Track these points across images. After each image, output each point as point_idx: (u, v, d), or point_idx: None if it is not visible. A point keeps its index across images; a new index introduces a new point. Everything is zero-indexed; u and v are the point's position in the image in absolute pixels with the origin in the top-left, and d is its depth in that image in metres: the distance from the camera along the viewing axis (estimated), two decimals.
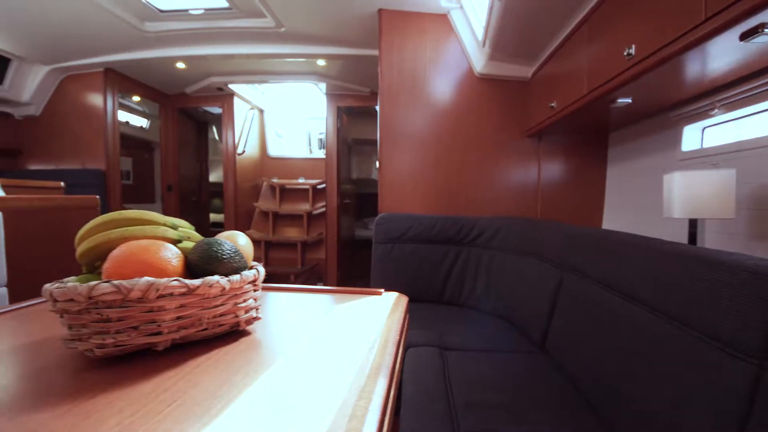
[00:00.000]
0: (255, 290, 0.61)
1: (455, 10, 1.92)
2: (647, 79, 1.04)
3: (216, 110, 3.99)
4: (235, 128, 3.60)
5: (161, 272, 0.49)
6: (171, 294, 0.48)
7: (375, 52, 2.54)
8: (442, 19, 1.97)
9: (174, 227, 0.59)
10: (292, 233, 3.89)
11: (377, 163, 5.10)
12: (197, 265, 0.53)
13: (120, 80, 2.96)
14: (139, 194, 3.92)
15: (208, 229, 4.51)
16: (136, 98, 3.52)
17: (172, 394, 0.42)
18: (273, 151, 4.35)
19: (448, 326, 1.42)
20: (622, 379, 0.78)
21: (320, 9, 2.07)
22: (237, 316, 0.57)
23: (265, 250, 3.70)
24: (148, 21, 2.27)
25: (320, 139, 4.84)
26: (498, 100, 1.96)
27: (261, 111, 4.19)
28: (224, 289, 0.53)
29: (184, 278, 0.50)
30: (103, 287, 0.44)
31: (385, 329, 0.62)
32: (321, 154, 4.59)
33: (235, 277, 0.55)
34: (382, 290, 0.85)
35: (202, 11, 2.14)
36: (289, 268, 3.61)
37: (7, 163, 2.94)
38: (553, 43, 1.56)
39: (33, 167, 2.99)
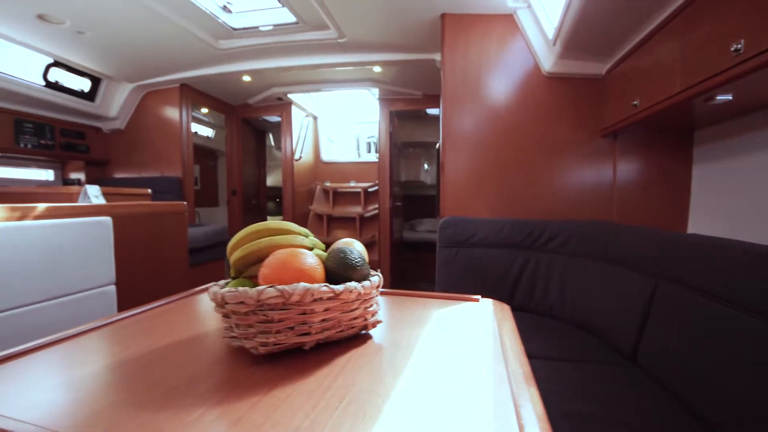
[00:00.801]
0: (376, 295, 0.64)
1: (522, 9, 1.88)
2: (756, 77, 0.97)
3: (274, 119, 4.21)
4: (293, 135, 3.77)
5: (311, 278, 0.54)
6: (320, 298, 0.53)
7: (431, 56, 2.57)
8: (508, 20, 1.94)
9: (306, 236, 0.64)
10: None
11: (425, 166, 5.13)
12: (334, 271, 0.58)
13: (192, 94, 3.21)
14: (205, 199, 4.22)
15: None
16: (204, 110, 3.80)
17: (337, 390, 0.46)
18: (325, 156, 4.50)
19: (525, 334, 1.39)
20: (748, 402, 0.73)
21: (382, 18, 2.12)
22: (366, 320, 0.61)
23: None
24: (222, 39, 2.45)
25: (368, 143, 4.93)
26: (568, 99, 1.90)
27: (315, 118, 4.34)
28: (360, 294, 0.57)
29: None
30: (269, 292, 0.49)
31: (505, 338, 0.63)
32: (369, 157, 4.68)
33: (367, 283, 0.58)
34: (479, 297, 0.86)
35: (271, 27, 2.27)
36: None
37: (98, 172, 3.29)
38: (634, 38, 1.48)
39: (118, 176, 3.32)
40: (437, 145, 2.57)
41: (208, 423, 0.39)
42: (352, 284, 0.55)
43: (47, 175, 3.11)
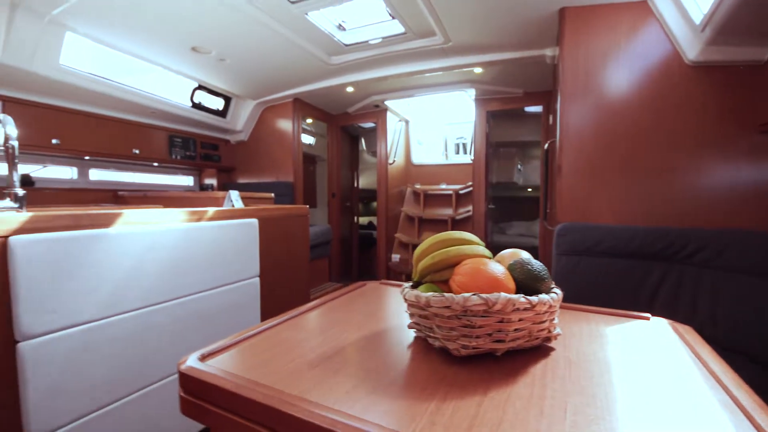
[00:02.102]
0: None
1: None
2: None
3: (368, 125, 4.40)
4: (387, 140, 3.91)
5: (506, 287, 0.57)
6: (518, 308, 0.55)
7: (540, 52, 2.45)
8: (640, 7, 1.76)
9: (483, 245, 0.67)
10: None
11: (519, 166, 4.90)
12: (522, 282, 0.60)
13: (303, 107, 3.54)
14: (305, 201, 4.60)
15: (358, 231, 4.98)
16: (309, 120, 4.14)
17: (553, 400, 0.48)
18: (416, 158, 4.57)
19: None
20: None
21: (491, 19, 2.10)
22: (550, 331, 0.62)
23: (412, 252, 3.90)
24: (335, 55, 2.65)
25: (457, 144, 4.87)
26: (716, 90, 1.65)
27: (407, 122, 4.45)
28: (551, 306, 0.58)
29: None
30: (474, 299, 0.53)
31: (711, 364, 0.58)
32: (458, 159, 4.62)
33: (555, 296, 0.59)
34: (648, 315, 0.81)
35: (380, 40, 2.39)
36: None
37: (226, 178, 3.81)
38: None
39: (241, 181, 3.80)
40: (545, 145, 2.45)
41: (448, 416, 0.44)
42: (545, 296, 0.57)
43: (188, 180, 3.70)
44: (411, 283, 0.69)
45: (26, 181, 2.42)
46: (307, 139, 4.60)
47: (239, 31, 2.20)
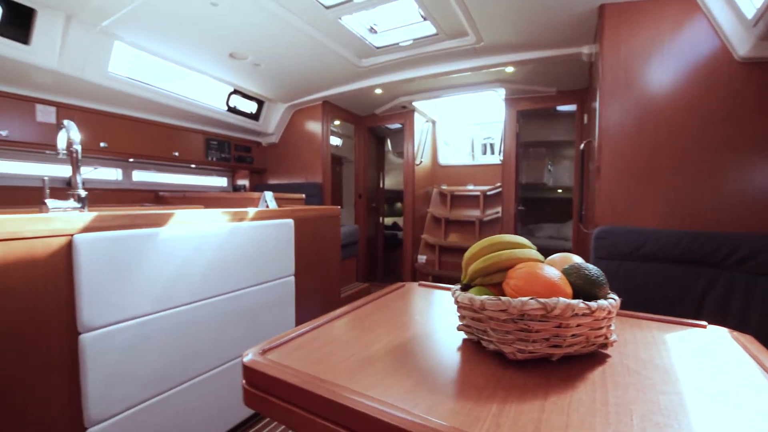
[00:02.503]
0: None
1: None
2: None
3: (394, 126, 4.42)
4: (414, 141, 3.91)
5: (564, 292, 0.56)
6: (576, 314, 0.54)
7: (576, 50, 2.39)
8: (685, 2, 1.69)
9: (535, 249, 0.67)
10: (461, 238, 3.97)
11: (549, 167, 4.78)
12: (580, 287, 0.59)
13: (332, 109, 3.59)
14: (332, 202, 4.66)
15: (383, 232, 5.00)
16: (336, 122, 4.20)
17: (617, 407, 0.47)
18: (442, 159, 4.54)
19: None
20: None
21: (526, 17, 2.06)
22: (606, 338, 0.61)
23: (438, 254, 3.89)
24: (365, 58, 2.68)
25: (484, 145, 4.81)
26: None
27: (433, 122, 4.43)
28: (609, 312, 0.57)
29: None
30: (532, 304, 0.53)
31: None
32: (485, 159, 4.56)
33: (613, 302, 0.58)
34: (705, 323, 0.78)
35: (411, 42, 2.40)
36: (460, 273, 3.70)
37: (257, 179, 3.92)
38: None
39: (272, 182, 3.90)
40: (581, 145, 2.38)
41: (512, 419, 0.44)
42: (604, 302, 0.56)
43: (222, 181, 3.83)
44: (459, 286, 0.69)
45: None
46: (334, 141, 4.66)
47: (274, 37, 2.27)
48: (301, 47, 2.40)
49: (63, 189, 2.48)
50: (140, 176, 2.97)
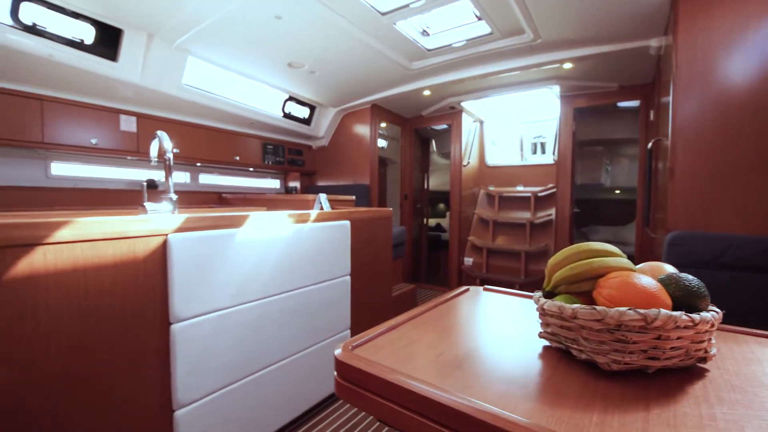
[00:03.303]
0: None
1: None
2: None
3: (440, 127, 4.39)
4: (462, 141, 3.86)
5: (663, 303, 0.54)
6: (678, 326, 0.52)
7: (643, 43, 2.24)
8: None
9: (625, 257, 0.65)
10: (510, 241, 3.86)
11: (607, 166, 4.51)
12: (680, 298, 0.57)
13: (380, 112, 3.65)
14: (378, 204, 4.72)
15: (427, 233, 4.98)
16: (383, 124, 4.25)
17: (725, 423, 0.45)
18: (490, 159, 4.45)
19: None
20: None
21: (588, 12, 1.97)
22: (706, 351, 0.58)
23: (486, 256, 3.81)
24: (416, 60, 2.70)
25: (534, 144, 4.64)
26: None
27: (481, 122, 4.35)
28: (711, 324, 0.54)
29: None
30: (630, 314, 0.52)
31: None
32: (535, 159, 4.39)
33: (716, 314, 0.55)
34: None
35: (464, 42, 2.38)
36: (509, 277, 3.60)
37: (307, 181, 4.08)
38: None
39: (321, 184, 4.03)
40: (649, 144, 2.23)
41: (616, 430, 0.44)
42: (706, 314, 0.54)
43: (275, 183, 4.02)
44: (541, 293, 0.69)
45: (151, 184, 2.84)
46: (380, 143, 4.72)
47: (330, 45, 2.35)
48: (354, 53, 2.47)
49: (158, 192, 2.75)
50: (205, 179, 3.20)
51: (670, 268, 0.67)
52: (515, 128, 4.58)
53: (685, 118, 1.73)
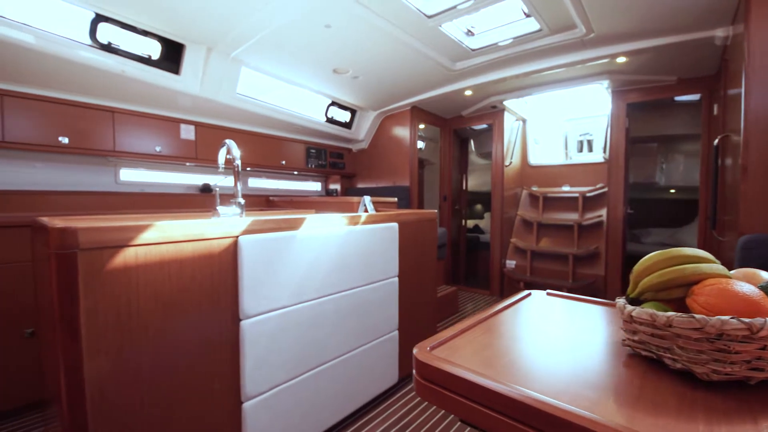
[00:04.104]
0: None
1: None
2: None
3: (479, 127, 4.32)
4: (504, 141, 3.78)
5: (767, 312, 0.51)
6: None
7: (707, 34, 2.10)
8: None
9: (719, 263, 0.62)
10: (555, 244, 3.72)
11: (662, 165, 4.25)
12: None
13: (419, 113, 3.66)
14: (418, 205, 4.72)
15: (465, 235, 4.92)
16: (421, 126, 4.26)
17: None
18: (533, 159, 4.32)
19: None
20: None
21: (649, 2, 1.88)
22: None
23: (530, 259, 3.70)
24: (459, 61, 2.68)
25: (580, 142, 4.45)
26: None
27: (524, 121, 4.24)
28: None
29: None
30: (734, 323, 0.50)
31: None
32: (581, 158, 4.21)
33: None
34: None
35: (510, 40, 2.34)
36: (556, 280, 3.47)
37: (347, 183, 4.16)
38: None
39: (361, 186, 4.10)
40: (715, 141, 2.08)
41: None
42: None
43: (317, 186, 4.14)
44: (624, 300, 0.67)
45: (206, 188, 3.02)
46: (417, 144, 4.72)
47: (374, 50, 2.39)
48: (397, 57, 2.50)
49: (213, 195, 2.93)
50: (254, 183, 3.36)
51: (765, 275, 0.63)
52: (559, 126, 4.42)
53: (758, 112, 1.60)
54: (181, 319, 1.07)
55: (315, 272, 1.44)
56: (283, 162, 3.28)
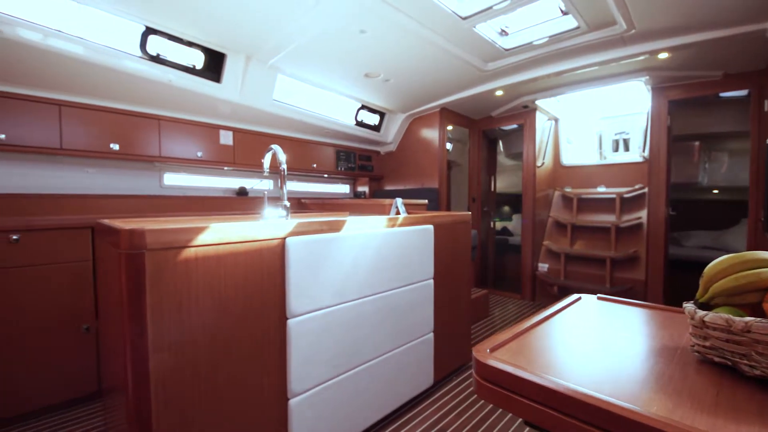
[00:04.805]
0: None
1: None
2: None
3: (509, 127, 4.25)
4: (535, 141, 3.71)
5: None
6: None
7: (757, 27, 1.99)
8: None
9: None
10: (589, 247, 3.60)
11: (705, 164, 4.04)
12: None
13: (448, 115, 3.64)
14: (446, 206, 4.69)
15: (494, 237, 4.84)
16: (449, 127, 4.24)
17: None
18: (565, 159, 4.21)
19: None
20: None
21: None
22: None
23: (564, 263, 3.60)
24: (491, 61, 2.66)
25: (616, 141, 4.29)
26: None
27: (556, 120, 4.14)
28: None
29: None
30: None
31: None
32: (616, 158, 4.06)
33: None
34: None
35: (546, 39, 2.30)
36: (592, 285, 3.36)
37: (374, 185, 4.19)
38: None
39: (388, 188, 4.12)
40: None
41: None
42: None
43: (345, 188, 4.19)
44: (692, 304, 0.65)
45: (242, 192, 3.13)
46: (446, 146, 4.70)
47: (407, 53, 2.41)
48: (429, 59, 2.51)
49: (249, 198, 3.03)
50: (287, 185, 3.45)
51: None
52: (593, 125, 4.28)
53: None
54: (234, 317, 1.12)
55: (355, 273, 1.47)
56: (314, 165, 3.35)
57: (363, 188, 4.20)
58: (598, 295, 1.04)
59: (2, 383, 1.59)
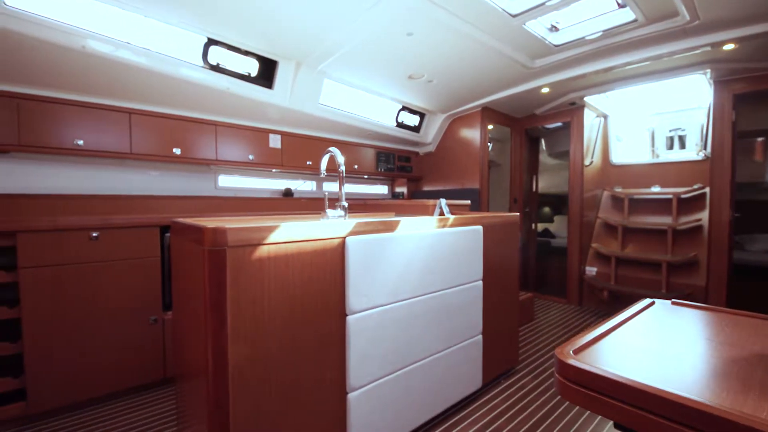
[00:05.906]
0: None
1: None
2: None
3: (552, 125, 4.12)
4: (583, 140, 3.57)
5: None
6: None
7: None
8: None
9: None
10: (642, 250, 3.41)
11: None
12: None
13: (489, 114, 3.59)
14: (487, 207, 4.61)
15: (535, 239, 4.71)
16: (490, 126, 4.17)
17: None
18: (615, 158, 4.01)
19: None
20: None
21: None
22: None
23: (614, 266, 3.44)
24: (539, 58, 2.60)
25: (670, 138, 4.04)
26: None
27: (605, 117, 3.97)
28: None
29: None
30: None
31: None
32: (671, 155, 3.81)
33: None
34: None
35: (600, 33, 2.21)
36: (646, 290, 3.19)
37: (413, 186, 4.20)
38: None
39: (426, 188, 4.12)
40: None
41: None
42: None
43: (383, 189, 4.24)
44: None
45: (288, 193, 3.24)
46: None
47: (451, 52, 2.40)
48: (473, 58, 2.49)
49: (293, 199, 3.15)
50: (328, 187, 3.54)
51: None
52: (645, 121, 4.06)
53: None
54: (301, 312, 1.17)
55: (408, 273, 1.49)
56: (356, 166, 3.42)
57: (401, 189, 4.22)
58: (672, 300, 0.99)
59: (77, 369, 1.75)
